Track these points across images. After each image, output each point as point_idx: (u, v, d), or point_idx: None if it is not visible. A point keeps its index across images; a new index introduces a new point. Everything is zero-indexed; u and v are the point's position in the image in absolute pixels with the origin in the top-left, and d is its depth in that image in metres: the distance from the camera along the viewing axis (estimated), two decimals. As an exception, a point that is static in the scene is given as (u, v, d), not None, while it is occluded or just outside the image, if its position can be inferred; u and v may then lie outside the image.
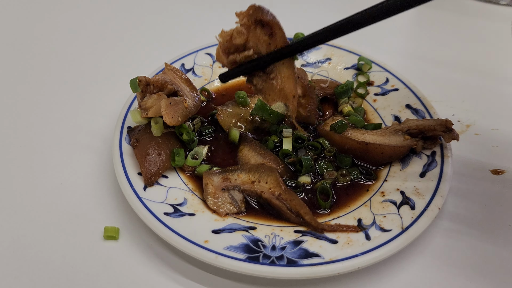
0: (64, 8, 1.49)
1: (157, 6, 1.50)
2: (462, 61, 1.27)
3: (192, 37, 1.35)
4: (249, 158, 0.89)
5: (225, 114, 0.97)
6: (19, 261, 0.79)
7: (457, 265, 0.78)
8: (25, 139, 1.02)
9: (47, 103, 1.12)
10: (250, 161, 0.89)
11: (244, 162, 0.90)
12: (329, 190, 0.83)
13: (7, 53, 1.29)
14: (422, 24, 1.47)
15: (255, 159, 0.89)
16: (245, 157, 0.90)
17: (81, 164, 0.96)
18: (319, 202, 0.82)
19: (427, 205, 0.78)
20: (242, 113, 0.98)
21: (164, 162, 0.85)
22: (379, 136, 0.89)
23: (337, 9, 1.51)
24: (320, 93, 1.04)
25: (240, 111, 0.98)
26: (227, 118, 0.97)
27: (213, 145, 0.95)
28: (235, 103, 1.00)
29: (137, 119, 0.90)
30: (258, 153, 0.90)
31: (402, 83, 1.03)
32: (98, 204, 0.88)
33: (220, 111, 0.97)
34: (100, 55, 1.29)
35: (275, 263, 0.70)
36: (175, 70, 0.96)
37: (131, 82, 0.88)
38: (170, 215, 0.78)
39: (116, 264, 0.78)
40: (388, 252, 0.72)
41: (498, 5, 1.50)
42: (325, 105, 1.05)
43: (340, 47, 1.14)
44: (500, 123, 1.05)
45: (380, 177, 0.88)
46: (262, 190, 0.81)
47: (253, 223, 0.80)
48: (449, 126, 0.86)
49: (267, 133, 0.97)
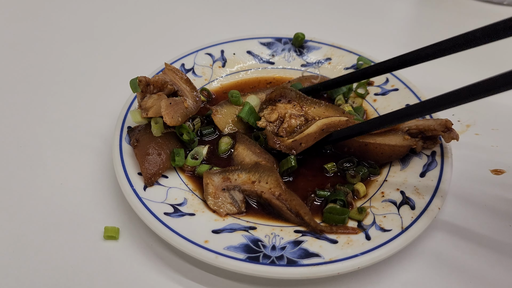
0: (65, 9, 1.49)
1: (157, 6, 1.50)
2: (462, 61, 1.26)
3: (192, 37, 1.35)
4: (244, 157, 0.90)
5: (220, 114, 0.98)
6: (19, 261, 0.79)
7: (457, 265, 0.78)
8: (25, 139, 1.02)
9: (47, 103, 1.12)
10: (244, 160, 0.89)
11: (239, 161, 0.90)
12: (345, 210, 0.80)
13: (7, 53, 1.29)
14: (422, 24, 1.47)
15: (250, 158, 0.89)
16: (240, 156, 0.90)
17: (81, 164, 0.96)
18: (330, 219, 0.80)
19: (427, 205, 0.78)
20: (237, 112, 0.98)
21: (164, 162, 0.85)
22: (379, 136, 0.89)
23: (337, 9, 1.51)
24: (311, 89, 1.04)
25: (234, 110, 0.99)
26: (222, 118, 0.97)
27: (213, 145, 0.95)
28: (228, 103, 1.00)
29: (137, 119, 0.90)
30: (253, 152, 0.90)
31: (402, 83, 1.03)
32: (98, 204, 0.88)
33: (215, 111, 0.98)
34: (101, 55, 1.29)
35: (275, 263, 0.70)
36: (175, 70, 0.96)
37: (131, 82, 0.88)
38: (170, 215, 0.78)
39: (116, 264, 0.78)
40: (388, 252, 0.72)
41: (498, 5, 1.50)
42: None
43: (340, 47, 1.14)
44: (500, 123, 1.05)
45: (380, 177, 0.88)
46: (263, 190, 0.81)
47: (253, 223, 0.80)
48: (449, 126, 0.86)
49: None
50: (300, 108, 0.92)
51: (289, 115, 0.91)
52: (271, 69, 1.14)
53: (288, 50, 1.16)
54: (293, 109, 0.92)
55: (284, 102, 0.93)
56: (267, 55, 1.15)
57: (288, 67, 1.14)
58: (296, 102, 0.93)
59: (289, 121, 0.90)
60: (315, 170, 0.89)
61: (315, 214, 0.81)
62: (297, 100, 0.94)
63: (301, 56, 1.15)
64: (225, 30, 1.37)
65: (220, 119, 0.97)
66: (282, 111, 0.92)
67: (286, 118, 0.91)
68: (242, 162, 0.89)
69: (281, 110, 0.92)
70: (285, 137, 0.89)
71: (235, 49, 1.13)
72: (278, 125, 0.91)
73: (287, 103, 0.93)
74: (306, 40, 1.16)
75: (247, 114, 0.94)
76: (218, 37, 1.16)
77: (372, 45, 1.31)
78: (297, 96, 0.94)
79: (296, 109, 0.92)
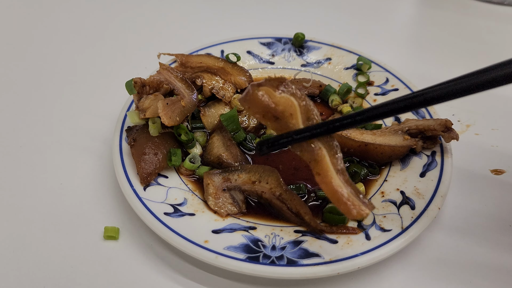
0: (65, 10, 1.49)
1: (157, 7, 1.50)
2: (462, 61, 1.27)
3: (192, 37, 1.35)
4: (214, 147, 0.91)
5: (207, 114, 0.98)
6: (19, 261, 0.79)
7: (457, 265, 0.78)
8: (25, 139, 1.02)
9: (47, 103, 1.12)
10: (213, 150, 0.90)
11: (209, 150, 0.91)
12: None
13: (7, 54, 1.29)
14: (422, 24, 1.47)
15: (218, 149, 0.90)
16: (212, 144, 0.92)
17: (81, 164, 0.96)
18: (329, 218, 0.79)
19: (427, 205, 0.78)
20: (223, 112, 0.98)
21: (160, 161, 0.85)
22: (379, 136, 0.89)
23: (337, 9, 1.51)
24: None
25: (222, 110, 0.99)
26: (209, 118, 0.98)
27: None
28: (216, 103, 1.00)
29: (135, 120, 0.89)
30: (223, 144, 0.90)
31: (402, 83, 1.03)
32: (98, 204, 0.88)
33: (203, 111, 0.98)
34: (100, 56, 1.29)
35: (275, 263, 0.70)
36: (170, 69, 0.96)
37: (127, 84, 0.88)
38: (170, 215, 0.78)
39: (116, 264, 0.78)
40: (388, 252, 0.72)
41: (498, 5, 1.49)
42: (315, 105, 1.05)
43: (340, 47, 1.14)
44: (500, 123, 1.05)
45: (380, 177, 0.88)
46: (263, 190, 0.81)
47: (253, 223, 0.80)
48: (449, 126, 0.86)
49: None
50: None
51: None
52: (271, 69, 1.14)
53: (288, 50, 1.16)
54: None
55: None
56: (267, 55, 1.15)
57: (288, 67, 1.14)
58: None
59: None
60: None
61: (315, 214, 0.81)
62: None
63: (301, 56, 1.15)
64: (225, 30, 1.37)
65: (207, 119, 0.98)
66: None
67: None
68: (211, 152, 0.90)
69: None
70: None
71: (235, 49, 1.13)
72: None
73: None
74: (306, 40, 1.16)
75: (228, 120, 0.92)
76: (218, 37, 1.16)
77: (372, 45, 1.31)
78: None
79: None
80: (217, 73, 1.02)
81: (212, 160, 0.89)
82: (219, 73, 1.02)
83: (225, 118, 0.92)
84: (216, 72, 1.02)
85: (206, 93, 1.00)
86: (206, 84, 1.00)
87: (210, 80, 1.01)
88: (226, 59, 1.04)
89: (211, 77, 1.02)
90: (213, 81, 1.01)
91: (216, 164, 0.89)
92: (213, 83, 1.01)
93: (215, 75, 1.02)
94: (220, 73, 1.02)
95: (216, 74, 1.02)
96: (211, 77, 1.02)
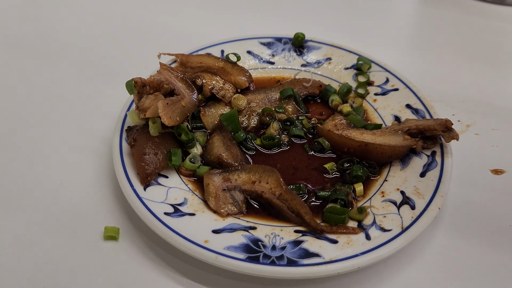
0: (65, 10, 1.48)
1: (157, 7, 1.50)
2: (462, 61, 1.27)
3: (192, 37, 1.35)
4: (214, 147, 0.91)
5: (208, 114, 0.98)
6: (19, 261, 0.79)
7: (457, 265, 0.78)
8: (25, 139, 1.02)
9: (46, 103, 1.12)
10: (213, 150, 0.90)
11: (209, 150, 0.91)
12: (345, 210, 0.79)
13: (7, 53, 1.29)
14: (422, 24, 1.47)
15: (218, 149, 0.90)
16: (212, 144, 0.92)
17: (81, 164, 0.96)
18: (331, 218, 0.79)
19: (427, 205, 0.78)
20: (224, 112, 0.98)
21: (160, 161, 0.85)
22: (379, 136, 0.89)
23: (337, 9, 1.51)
24: (302, 92, 1.04)
25: (223, 110, 0.99)
26: (210, 118, 0.98)
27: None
28: (216, 103, 1.00)
29: (135, 120, 0.89)
30: (223, 144, 0.90)
31: (402, 83, 1.03)
32: (98, 204, 0.88)
33: (203, 111, 0.98)
34: (100, 56, 1.29)
35: (275, 263, 0.70)
36: (170, 69, 0.96)
37: (127, 84, 0.88)
38: (170, 215, 0.78)
39: (116, 264, 0.78)
40: (388, 252, 0.72)
41: (498, 5, 1.49)
42: (316, 105, 1.05)
43: (340, 47, 1.14)
44: (500, 123, 1.05)
45: (380, 177, 0.88)
46: (263, 190, 0.81)
47: (253, 223, 0.80)
48: (449, 126, 0.86)
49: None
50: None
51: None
52: (271, 69, 1.14)
53: (288, 50, 1.16)
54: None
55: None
56: (267, 55, 1.15)
57: (288, 67, 1.14)
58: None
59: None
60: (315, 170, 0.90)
61: (315, 214, 0.81)
62: None
63: (301, 56, 1.15)
64: (225, 30, 1.37)
65: (207, 119, 0.98)
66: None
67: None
68: (211, 152, 0.90)
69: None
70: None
71: (235, 49, 1.13)
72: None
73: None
74: (306, 40, 1.16)
75: (228, 120, 0.91)
76: (218, 37, 1.16)
77: (372, 45, 1.31)
78: None
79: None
80: (217, 73, 1.02)
81: (212, 160, 0.89)
82: (219, 73, 1.02)
83: (225, 118, 0.91)
84: (216, 72, 1.02)
85: (206, 93, 1.01)
86: (206, 84, 1.00)
87: (210, 80, 1.01)
88: (226, 59, 1.04)
89: (211, 77, 1.02)
90: (213, 81, 1.01)
91: (216, 164, 0.89)
92: (213, 83, 1.01)
93: (215, 75, 1.02)
94: (220, 73, 1.02)
95: (216, 74, 1.02)
96: (211, 77, 1.02)
